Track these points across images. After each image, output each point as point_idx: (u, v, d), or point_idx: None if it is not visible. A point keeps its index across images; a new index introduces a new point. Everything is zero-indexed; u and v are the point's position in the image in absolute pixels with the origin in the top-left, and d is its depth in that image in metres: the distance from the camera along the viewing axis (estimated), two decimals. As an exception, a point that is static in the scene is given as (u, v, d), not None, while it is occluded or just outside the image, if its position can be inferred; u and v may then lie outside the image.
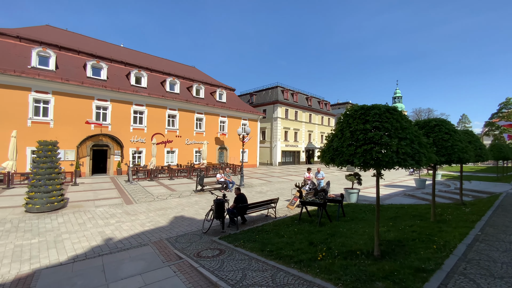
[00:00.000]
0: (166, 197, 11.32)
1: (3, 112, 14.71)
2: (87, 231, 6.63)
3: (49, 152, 8.43)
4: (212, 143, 25.28)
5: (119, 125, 19.18)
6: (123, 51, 26.01)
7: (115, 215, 8.25)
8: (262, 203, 8.15)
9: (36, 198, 7.95)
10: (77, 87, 17.09)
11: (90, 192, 11.84)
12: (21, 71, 15.16)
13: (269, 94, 36.08)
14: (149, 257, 5.17)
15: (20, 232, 6.46)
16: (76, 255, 5.23)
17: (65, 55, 18.70)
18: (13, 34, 17.48)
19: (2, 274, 4.44)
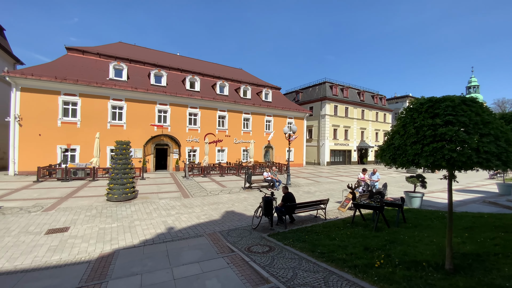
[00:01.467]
0: (218, 192, 12.03)
1: (89, 118, 17.87)
2: (153, 220, 7.56)
3: (124, 151, 9.93)
4: (258, 142, 25.77)
5: (177, 126, 21.23)
6: (179, 59, 28.60)
7: (175, 207, 9.18)
8: (311, 203, 7.95)
9: (115, 189, 9.44)
10: (143, 94, 19.57)
11: (154, 186, 13.44)
12: (102, 83, 18.16)
13: (316, 90, 34.83)
14: (205, 247, 5.59)
15: (103, 217, 7.75)
16: (145, 240, 6.02)
17: (134, 67, 21.60)
18: (94, 51, 21.01)
19: (89, 252, 5.40)
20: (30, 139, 16.11)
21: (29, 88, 16.18)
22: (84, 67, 19.02)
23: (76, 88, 17.36)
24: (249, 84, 27.29)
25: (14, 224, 6.79)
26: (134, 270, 4.41)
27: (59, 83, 16.68)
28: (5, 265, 4.64)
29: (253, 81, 29.62)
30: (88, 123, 17.76)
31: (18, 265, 4.68)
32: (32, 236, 6.06)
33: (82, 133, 17.50)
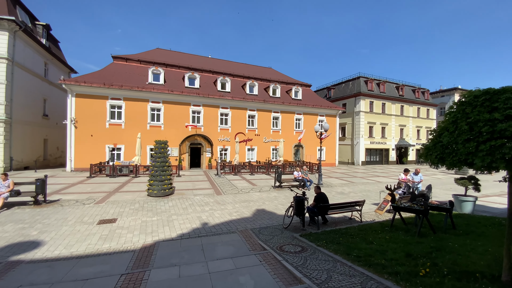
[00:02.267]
0: (248, 190, 12.21)
1: (132, 119, 19.48)
2: (188, 215, 7.97)
3: (162, 150, 10.64)
4: (288, 141, 25.49)
5: (209, 126, 22.06)
6: (211, 61, 29.61)
7: (208, 203, 9.55)
8: (345, 205, 7.63)
9: (154, 186, 10.16)
10: (178, 96, 20.71)
11: (189, 183, 14.15)
12: (142, 87, 19.66)
13: (350, 86, 33.21)
14: (237, 244, 5.72)
15: (145, 211, 8.39)
16: (182, 234, 6.37)
17: (170, 71, 22.96)
18: (135, 58, 22.80)
19: (134, 242, 5.89)
20: (84, 139, 18.16)
21: (82, 94, 18.22)
22: (127, 73, 20.78)
23: (120, 93, 19.07)
24: (278, 83, 27.13)
25: (71, 215, 7.72)
26: (173, 262, 4.70)
27: (106, 89, 18.50)
28: (62, 252, 5.30)
29: (282, 79, 29.37)
30: (131, 125, 19.39)
31: (74, 252, 5.30)
32: (86, 225, 6.83)
33: (126, 133, 19.17)
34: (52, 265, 4.63)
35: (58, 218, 7.36)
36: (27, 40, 18.62)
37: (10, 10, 16.85)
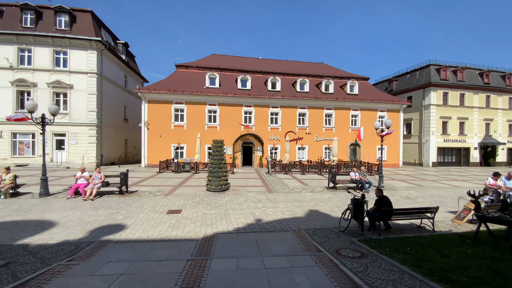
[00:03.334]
0: (300, 190, 12.02)
1: (192, 121, 21.45)
2: (243, 210, 8.33)
3: (219, 148, 11.41)
4: (343, 139, 24.00)
5: (260, 126, 22.56)
6: (261, 62, 30.17)
7: (261, 200, 9.80)
8: (413, 211, 6.76)
9: (212, 181, 10.98)
10: (232, 98, 21.83)
11: (242, 180, 14.77)
12: (200, 91, 21.44)
13: (417, 76, 29.19)
14: (291, 243, 5.70)
15: (204, 204, 9.14)
16: (238, 228, 6.71)
17: (224, 74, 24.37)
18: (194, 65, 24.94)
19: (196, 232, 6.47)
20: (154, 139, 20.88)
21: (153, 100, 20.96)
22: (188, 79, 22.95)
23: (183, 98, 21.21)
24: (331, 78, 25.80)
25: (146, 204, 8.98)
26: (230, 253, 5.00)
27: (171, 94, 20.84)
28: (141, 235, 6.20)
29: (336, 73, 27.80)
30: (191, 126, 21.38)
31: (150, 236, 6.16)
32: (158, 214, 7.84)
33: (188, 134, 21.22)
34: (134, 245, 5.49)
35: (137, 206, 8.67)
36: (111, 57, 22.44)
37: (97, 32, 20.55)
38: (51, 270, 4.23)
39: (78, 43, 19.53)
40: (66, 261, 4.62)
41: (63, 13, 19.85)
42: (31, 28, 19.24)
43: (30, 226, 6.59)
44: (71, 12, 20.01)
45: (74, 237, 5.96)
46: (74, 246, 5.44)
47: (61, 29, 19.69)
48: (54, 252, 5.11)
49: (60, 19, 19.82)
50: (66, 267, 4.33)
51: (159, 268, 4.26)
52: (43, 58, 19.15)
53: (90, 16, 20.70)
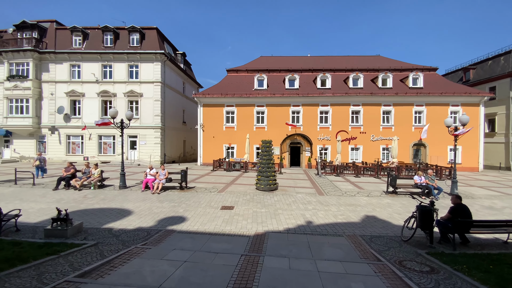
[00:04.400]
0: (354, 194, 11.26)
1: (242, 123, 22.31)
2: (292, 211, 8.27)
3: (267, 148, 11.59)
4: (404, 139, 21.46)
5: (309, 125, 22.00)
6: (310, 60, 29.37)
7: (311, 202, 9.56)
8: (499, 223, 5.64)
9: (261, 180, 11.22)
10: (279, 98, 21.89)
11: (291, 181, 14.65)
12: (249, 93, 22.14)
13: (501, 63, 24.05)
14: (345, 248, 5.41)
15: (254, 202, 9.40)
16: (288, 228, 6.70)
17: (272, 75, 24.61)
18: (243, 69, 25.86)
19: (248, 228, 6.72)
20: (208, 140, 22.48)
21: (207, 104, 22.60)
22: (238, 83, 23.97)
23: (233, 100, 22.27)
24: (389, 71, 23.38)
25: (202, 199, 9.73)
26: (282, 253, 5.04)
27: (223, 98, 22.11)
28: (199, 228, 6.76)
29: (395, 66, 25.07)
30: (241, 127, 22.27)
31: (207, 229, 6.66)
32: (213, 209, 8.42)
33: (237, 135, 22.17)
34: (194, 236, 6.04)
35: (195, 201, 9.48)
36: (172, 67, 25.07)
37: (160, 46, 23.20)
38: (129, 251, 4.99)
39: (147, 57, 22.46)
40: (141, 245, 5.38)
41: (135, 32, 23.11)
42: (111, 47, 22.97)
43: (113, 213, 7.89)
44: (141, 30, 23.15)
45: (146, 225, 6.89)
46: (146, 233, 6.28)
47: (134, 46, 22.96)
48: (132, 236, 6.01)
49: (133, 37, 23.13)
50: (141, 250, 5.04)
51: (216, 260, 4.58)
52: (120, 71, 22.67)
53: (156, 32, 23.57)
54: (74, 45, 23.02)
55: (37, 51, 22.06)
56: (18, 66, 22.26)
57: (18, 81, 21.99)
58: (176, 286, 3.61)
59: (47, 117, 22.86)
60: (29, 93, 22.06)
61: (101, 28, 23.28)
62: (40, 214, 7.61)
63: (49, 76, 22.78)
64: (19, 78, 22.02)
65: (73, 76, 22.91)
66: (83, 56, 22.56)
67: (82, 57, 22.62)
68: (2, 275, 3.80)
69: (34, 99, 22.32)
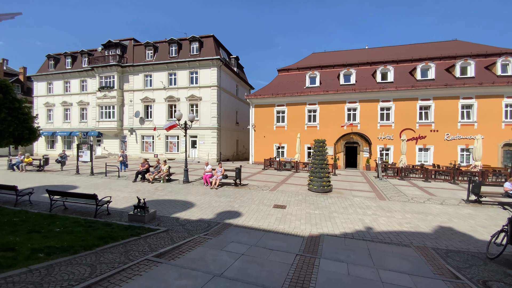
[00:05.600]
0: (424, 200, 9.92)
1: (292, 122, 22.10)
2: (349, 215, 7.81)
3: (321, 148, 11.21)
4: (490, 138, 17.75)
5: (367, 123, 20.29)
6: (368, 52, 27.03)
7: (370, 207, 8.84)
8: None
9: (314, 181, 10.92)
10: (333, 95, 20.84)
11: (346, 183, 13.82)
12: (300, 92, 21.76)
13: None
14: (414, 260, 4.85)
15: (307, 203, 9.23)
16: (345, 233, 6.37)
17: (325, 72, 23.63)
18: (294, 67, 25.53)
19: (302, 229, 6.65)
20: (259, 139, 23.05)
21: (258, 104, 23.18)
22: (289, 82, 23.84)
23: (284, 100, 22.27)
24: (469, 57, 19.66)
25: (255, 197, 10.05)
26: (339, 257, 4.84)
27: (273, 98, 22.32)
28: (253, 224, 7.02)
29: (477, 50, 20.92)
30: (291, 126, 22.09)
31: (261, 225, 6.87)
32: (266, 207, 8.63)
33: (288, 134, 22.07)
34: (249, 231, 6.32)
35: (249, 197, 9.89)
36: (226, 71, 26.57)
37: (216, 52, 24.80)
38: (193, 240, 5.55)
39: (205, 63, 24.39)
40: (203, 235, 5.92)
41: (195, 41, 25.37)
42: (175, 56, 25.75)
43: (179, 205, 8.88)
44: (200, 39, 25.27)
45: (206, 217, 7.54)
46: (207, 224, 6.88)
47: (194, 54, 25.24)
48: (195, 226, 6.67)
49: (193, 46, 25.44)
50: (203, 239, 5.56)
51: (272, 256, 4.70)
52: (183, 78, 25.23)
53: (212, 39, 25.39)
54: (147, 58, 26.68)
55: (120, 65, 26.39)
56: (106, 79, 27.06)
57: (106, 91, 26.74)
58: (236, 276, 3.86)
59: (127, 120, 27.14)
60: (114, 101, 26.60)
61: (167, 41, 26.33)
62: (124, 201, 9.13)
63: (128, 86, 27.00)
64: (107, 89, 26.76)
65: (146, 85, 26.59)
66: (154, 67, 25.95)
67: (153, 68, 26.03)
68: (98, 250, 4.72)
69: (118, 106, 26.78)
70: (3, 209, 7.42)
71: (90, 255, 4.40)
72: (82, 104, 29.15)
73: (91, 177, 14.38)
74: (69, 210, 7.91)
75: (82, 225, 6.20)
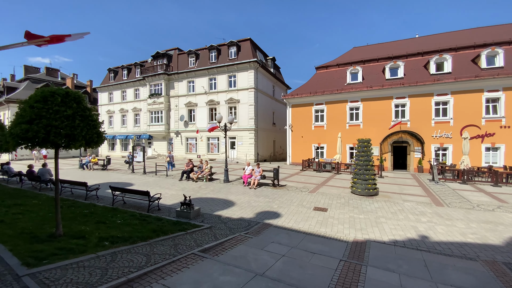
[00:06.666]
0: (492, 208, 8.52)
1: (332, 121, 21.17)
2: (399, 222, 7.14)
3: (365, 148, 10.50)
4: None
5: (419, 120, 18.31)
6: (419, 41, 24.38)
7: (424, 213, 7.95)
8: None
9: (358, 184, 10.27)
10: (378, 91, 19.33)
11: (395, 186, 12.67)
12: (341, 89, 20.73)
13: None
14: (481, 276, 4.19)
15: (350, 207, 8.72)
16: (395, 240, 5.84)
17: (368, 66, 22.10)
18: (334, 64, 24.44)
19: (345, 234, 6.31)
20: (297, 140, 22.66)
21: (295, 104, 22.83)
22: (328, 79, 22.94)
23: (322, 98, 21.49)
24: (557, 38, 16.24)
25: (294, 198, 9.89)
26: (389, 267, 4.46)
27: (312, 97, 21.72)
28: (293, 225, 6.91)
29: None
30: (331, 125, 21.18)
31: (301, 227, 6.73)
32: (305, 209, 8.43)
33: (327, 134, 21.22)
34: (289, 233, 6.25)
35: (287, 199, 9.79)
36: (263, 72, 26.81)
37: (253, 54, 25.17)
38: (235, 238, 5.72)
39: (242, 67, 25.02)
40: (244, 233, 6.07)
41: (233, 46, 26.22)
42: (215, 62, 26.98)
43: (220, 203, 9.26)
44: (237, 43, 26.02)
45: (246, 216, 7.71)
46: (247, 223, 7.02)
47: (232, 58, 26.10)
48: (236, 225, 6.87)
49: (231, 51, 26.32)
50: (244, 238, 5.69)
51: (314, 260, 4.57)
52: (222, 82, 26.30)
53: (249, 42, 25.91)
54: (190, 65, 28.54)
55: (167, 74, 28.75)
56: (155, 87, 29.75)
57: (155, 98, 29.40)
58: (278, 277, 3.86)
59: (173, 124, 29.40)
60: (162, 107, 29.08)
61: (207, 48, 27.77)
62: (171, 198, 9.90)
63: (174, 92, 29.25)
64: (156, 95, 29.40)
65: (189, 90, 28.44)
66: (195, 73, 27.62)
67: (195, 74, 27.71)
68: (151, 242, 5.20)
69: (165, 111, 29.21)
70: (76, 202, 8.72)
71: (145, 246, 4.88)
72: (136, 110, 32.57)
73: (143, 175, 15.96)
74: (127, 204, 8.90)
75: (138, 218, 6.92)
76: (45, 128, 4.54)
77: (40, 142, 4.66)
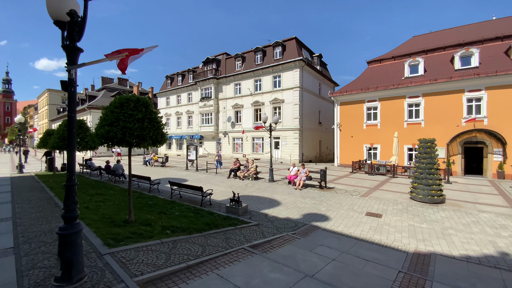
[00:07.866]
0: None
1: (387, 119, 19.34)
2: (474, 235, 6.13)
3: (428, 149, 9.32)
4: None
5: (499, 117, 15.34)
6: (497, 24, 20.43)
7: (506, 227, 6.66)
8: None
9: (419, 189, 9.18)
10: (444, 84, 16.89)
11: (467, 193, 10.90)
12: (397, 83, 18.79)
13: None
14: None
15: (410, 214, 7.86)
16: (467, 256, 5.06)
17: (431, 57, 19.52)
18: (389, 56, 22.28)
19: (404, 243, 5.73)
20: (346, 140, 21.43)
21: (344, 102, 21.61)
22: (382, 74, 21.07)
23: (375, 94, 19.83)
24: None
25: (344, 201, 9.40)
26: (459, 285, 3.89)
27: (363, 93, 20.25)
28: (343, 230, 6.58)
29: None
30: (386, 124, 19.38)
31: (351, 233, 6.37)
32: (357, 214, 7.93)
33: (381, 133, 19.48)
34: (339, 237, 6.00)
35: (336, 202, 9.37)
36: (309, 70, 26.12)
37: (299, 53, 24.69)
38: (282, 237, 5.77)
39: (287, 66, 24.87)
40: (291, 233, 6.06)
41: (278, 46, 26.27)
42: (260, 63, 27.44)
43: (266, 202, 9.41)
44: (282, 43, 25.96)
45: (293, 216, 7.67)
46: (294, 224, 6.99)
47: (277, 58, 26.18)
48: (283, 224, 6.91)
49: (276, 51, 26.42)
50: (291, 238, 5.69)
51: (367, 268, 4.30)
52: (267, 83, 26.62)
53: (295, 41, 25.58)
54: (237, 68, 29.69)
55: (215, 78, 30.51)
56: (206, 90, 31.87)
57: (206, 101, 31.50)
58: (328, 281, 3.76)
59: (221, 125, 31.04)
60: (211, 109, 31.00)
61: (253, 50, 28.45)
62: (221, 195, 10.50)
63: (222, 95, 30.86)
64: (206, 99, 31.49)
65: (236, 93, 29.62)
66: (242, 75, 28.61)
67: (241, 77, 28.71)
68: (205, 234, 5.62)
69: (214, 113, 31.05)
70: (142, 194, 9.99)
71: (200, 237, 5.32)
72: (189, 113, 35.45)
73: (196, 172, 17.28)
74: (183, 198, 9.79)
75: (192, 211, 7.56)
76: (122, 129, 5.37)
77: (118, 141, 5.53)
